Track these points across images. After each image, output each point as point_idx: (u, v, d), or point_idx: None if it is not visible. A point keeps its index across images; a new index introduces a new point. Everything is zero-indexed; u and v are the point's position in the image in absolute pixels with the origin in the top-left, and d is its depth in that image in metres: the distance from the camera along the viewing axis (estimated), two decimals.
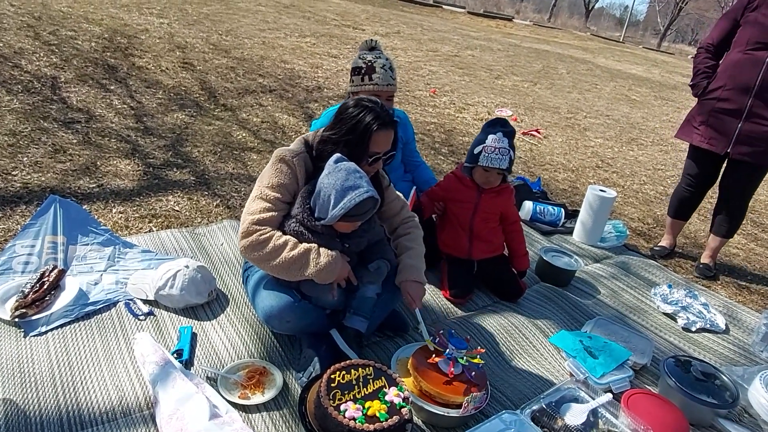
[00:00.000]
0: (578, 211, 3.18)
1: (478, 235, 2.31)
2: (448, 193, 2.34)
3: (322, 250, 1.61)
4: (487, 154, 2.12)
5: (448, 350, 1.66)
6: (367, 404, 1.40)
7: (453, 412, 1.55)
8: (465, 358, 1.66)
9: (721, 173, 3.03)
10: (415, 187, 2.35)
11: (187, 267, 1.92)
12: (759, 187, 2.97)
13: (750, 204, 3.04)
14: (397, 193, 1.92)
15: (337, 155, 1.61)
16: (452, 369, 1.62)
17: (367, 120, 1.62)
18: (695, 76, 2.95)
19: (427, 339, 1.70)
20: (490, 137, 2.13)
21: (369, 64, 2.18)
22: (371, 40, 2.27)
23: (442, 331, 1.74)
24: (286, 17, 8.76)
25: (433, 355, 1.67)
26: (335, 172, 1.57)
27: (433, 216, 2.48)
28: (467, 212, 2.28)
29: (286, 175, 1.66)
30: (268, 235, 1.59)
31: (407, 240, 1.86)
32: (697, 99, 2.98)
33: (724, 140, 2.83)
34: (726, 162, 2.95)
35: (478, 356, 1.68)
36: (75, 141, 3.08)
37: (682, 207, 3.19)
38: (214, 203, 2.79)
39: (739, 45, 2.77)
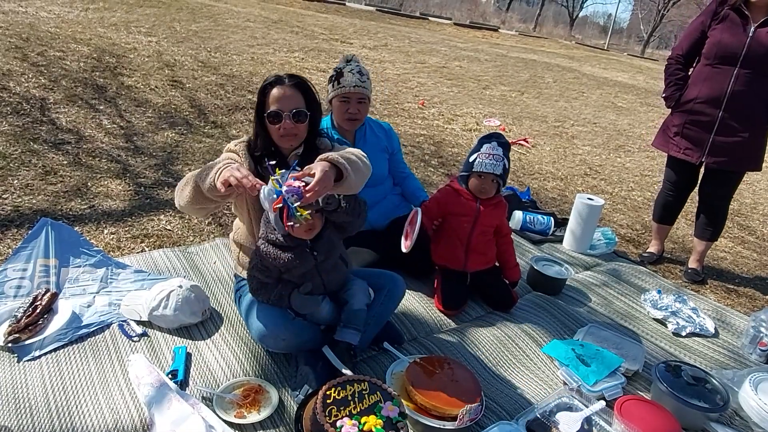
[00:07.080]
0: (568, 220, 3.22)
1: (474, 248, 2.33)
2: (446, 208, 2.35)
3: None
4: (481, 160, 2.21)
5: (285, 194, 1.45)
6: (363, 420, 1.41)
7: (449, 425, 1.57)
8: (297, 210, 1.45)
9: (699, 179, 3.09)
10: (419, 210, 2.22)
11: (180, 287, 1.93)
12: (745, 190, 3.03)
13: (737, 207, 3.10)
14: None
15: None
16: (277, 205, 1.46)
17: (264, 83, 1.76)
18: (667, 88, 3.02)
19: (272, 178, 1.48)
20: (485, 146, 2.22)
21: (338, 71, 2.33)
22: (350, 54, 2.42)
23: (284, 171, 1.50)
24: (275, 33, 8.83)
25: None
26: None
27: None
28: (467, 225, 2.31)
29: (231, 158, 1.75)
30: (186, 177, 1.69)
31: None
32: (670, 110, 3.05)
33: (699, 150, 2.90)
34: (703, 168, 3.02)
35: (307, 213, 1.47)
36: (65, 162, 3.08)
37: (666, 212, 3.25)
38: (206, 221, 2.80)
39: (707, 58, 2.83)
